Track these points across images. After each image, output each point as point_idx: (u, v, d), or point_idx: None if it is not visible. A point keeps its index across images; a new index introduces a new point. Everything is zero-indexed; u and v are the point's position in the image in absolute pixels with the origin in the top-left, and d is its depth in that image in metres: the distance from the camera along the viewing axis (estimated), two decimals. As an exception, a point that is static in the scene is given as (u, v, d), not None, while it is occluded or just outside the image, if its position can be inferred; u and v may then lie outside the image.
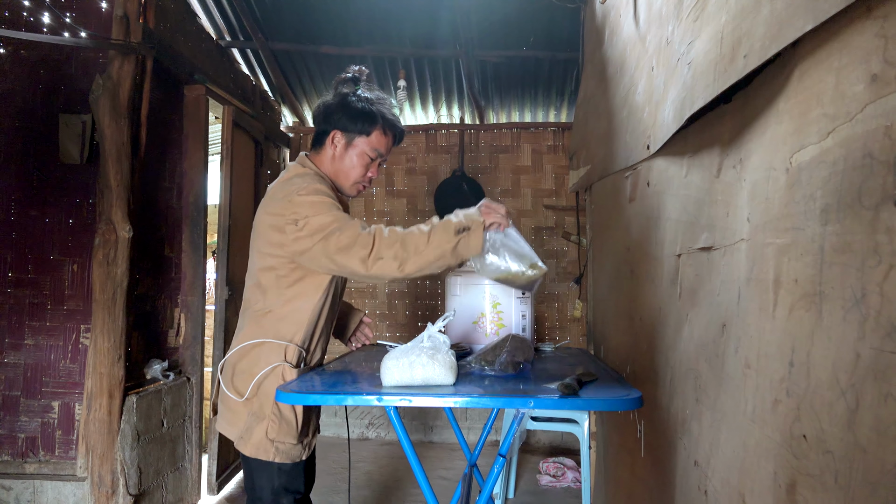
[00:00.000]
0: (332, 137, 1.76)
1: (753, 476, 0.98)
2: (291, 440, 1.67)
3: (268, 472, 1.70)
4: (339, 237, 1.52)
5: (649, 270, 1.73)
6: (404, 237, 1.53)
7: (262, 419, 1.66)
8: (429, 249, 1.52)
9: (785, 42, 0.80)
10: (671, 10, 1.43)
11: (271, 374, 1.67)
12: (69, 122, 2.71)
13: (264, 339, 1.69)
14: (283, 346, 1.69)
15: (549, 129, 4.77)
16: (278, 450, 1.66)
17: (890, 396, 0.63)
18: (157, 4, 2.91)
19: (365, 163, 1.78)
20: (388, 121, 1.78)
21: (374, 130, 1.76)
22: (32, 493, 2.66)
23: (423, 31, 3.95)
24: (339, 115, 1.75)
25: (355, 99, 1.76)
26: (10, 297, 2.76)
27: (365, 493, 3.57)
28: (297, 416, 1.68)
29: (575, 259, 4.67)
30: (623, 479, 2.17)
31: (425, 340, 1.53)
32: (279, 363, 1.67)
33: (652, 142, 1.57)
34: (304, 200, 1.59)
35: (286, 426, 1.66)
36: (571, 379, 1.42)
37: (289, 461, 1.68)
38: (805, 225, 0.82)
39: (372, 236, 1.52)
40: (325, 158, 1.78)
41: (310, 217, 1.57)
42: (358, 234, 1.52)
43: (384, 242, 1.51)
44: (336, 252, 1.53)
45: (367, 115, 1.75)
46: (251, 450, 1.66)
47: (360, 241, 1.51)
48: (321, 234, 1.55)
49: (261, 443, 1.64)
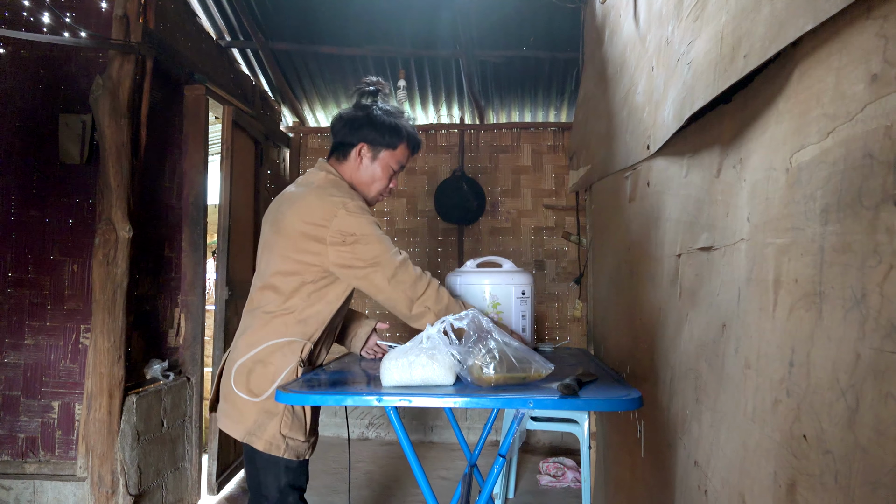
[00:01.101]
0: (360, 150, 1.83)
1: (753, 476, 0.98)
2: (301, 437, 1.71)
3: (274, 470, 1.72)
4: (397, 271, 1.68)
5: (649, 270, 1.73)
6: (448, 306, 1.73)
7: (274, 415, 1.68)
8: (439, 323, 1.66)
9: (785, 42, 0.80)
10: (671, 10, 1.42)
11: (290, 372, 1.71)
12: (69, 122, 2.71)
13: (290, 339, 1.72)
14: (302, 344, 1.73)
15: (549, 129, 4.77)
16: (289, 446, 1.69)
17: (890, 396, 0.63)
18: (157, 4, 2.91)
19: (388, 175, 1.87)
20: (410, 135, 1.88)
21: (400, 144, 1.85)
22: (32, 493, 2.66)
23: (423, 31, 3.95)
24: (366, 130, 1.82)
25: (381, 113, 1.83)
26: (10, 297, 2.76)
27: (365, 493, 3.57)
28: (306, 414, 1.72)
29: (575, 259, 4.67)
30: (623, 479, 2.17)
31: (425, 341, 1.53)
32: (296, 362, 1.71)
33: (652, 142, 1.57)
34: (352, 219, 1.68)
35: (297, 423, 1.70)
36: (571, 379, 1.42)
37: (296, 458, 1.71)
38: (805, 225, 0.82)
39: (426, 284, 1.72)
40: (349, 168, 1.85)
41: (361, 238, 1.67)
42: (413, 276, 1.69)
43: (434, 298, 1.72)
44: (390, 282, 1.68)
45: (394, 130, 1.83)
46: (264, 445, 1.68)
47: (414, 282, 1.69)
48: (378, 266, 1.67)
49: (273, 438, 1.68)
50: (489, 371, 1.44)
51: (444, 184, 4.78)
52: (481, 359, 1.46)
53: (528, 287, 2.28)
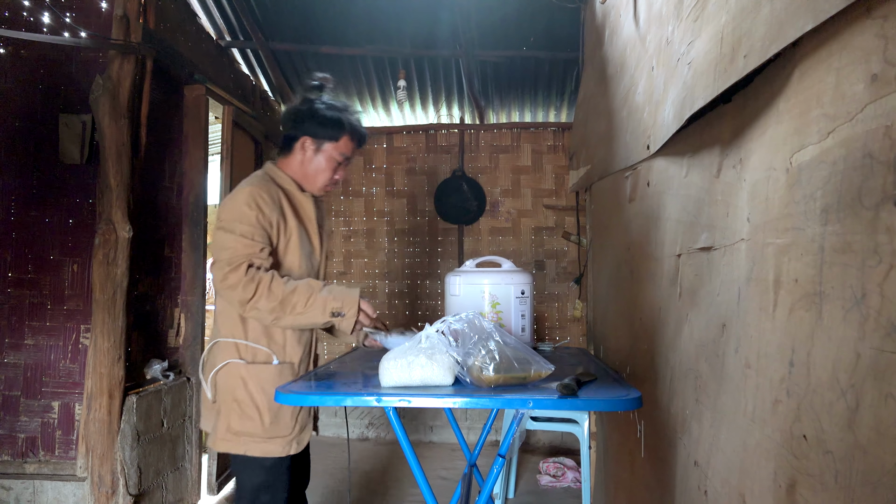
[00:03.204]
0: (302, 143, 1.86)
1: (753, 476, 0.98)
2: (260, 434, 1.74)
3: (249, 468, 1.75)
4: (228, 274, 1.66)
5: (649, 270, 1.73)
6: (285, 298, 1.67)
7: (220, 413, 1.76)
8: (302, 318, 1.71)
9: (785, 42, 0.80)
10: (671, 10, 1.42)
11: (224, 370, 1.76)
12: (69, 122, 2.71)
13: (216, 339, 1.81)
14: (233, 343, 1.78)
15: (549, 129, 4.77)
16: (247, 444, 1.73)
17: (890, 396, 0.63)
18: (157, 4, 2.91)
19: (333, 166, 1.88)
20: (354, 127, 1.89)
21: (343, 136, 1.86)
22: (32, 493, 2.66)
23: (423, 31, 3.95)
24: (308, 122, 1.85)
25: (323, 106, 1.85)
26: (10, 297, 2.76)
27: (365, 493, 3.57)
28: (260, 411, 1.74)
29: (575, 259, 4.67)
30: (623, 479, 2.17)
31: (423, 341, 1.53)
32: (230, 360, 1.76)
33: (652, 142, 1.57)
34: (228, 203, 1.74)
35: (249, 420, 1.74)
36: (571, 379, 1.42)
37: (258, 455, 1.73)
38: (805, 225, 0.82)
39: (255, 285, 1.65)
40: (294, 162, 1.88)
41: (221, 226, 1.71)
42: (241, 279, 1.65)
43: (265, 297, 1.66)
44: (220, 283, 1.68)
45: (336, 122, 1.85)
46: (218, 444, 1.75)
47: (243, 285, 1.65)
48: (217, 262, 1.69)
49: (224, 435, 1.74)
50: (489, 371, 1.44)
51: (444, 184, 4.78)
52: (481, 359, 1.46)
53: (528, 287, 2.28)
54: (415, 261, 4.87)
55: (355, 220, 4.92)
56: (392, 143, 4.89)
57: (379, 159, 4.90)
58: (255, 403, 1.74)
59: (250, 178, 1.83)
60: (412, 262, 4.88)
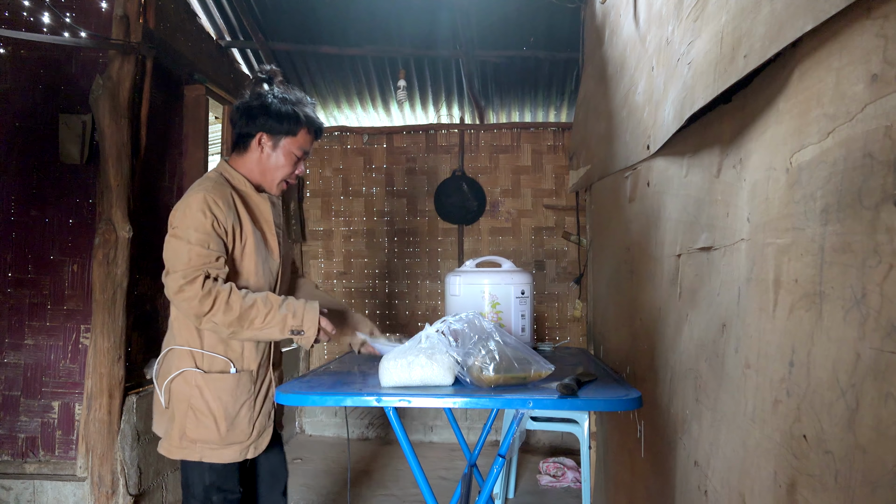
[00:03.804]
0: (259, 139, 1.79)
1: (753, 476, 0.98)
2: (216, 440, 1.71)
3: (198, 469, 1.74)
4: (184, 286, 1.60)
5: (649, 270, 1.73)
6: (243, 314, 1.61)
7: (173, 421, 1.73)
8: (260, 333, 1.66)
9: (785, 42, 0.80)
10: (671, 10, 1.42)
11: (179, 378, 1.72)
12: (69, 122, 2.71)
13: (171, 347, 1.76)
14: (188, 352, 1.73)
15: (549, 129, 4.77)
16: (203, 450, 1.70)
17: (890, 396, 0.63)
18: (157, 4, 2.91)
19: (292, 161, 1.83)
20: (311, 119, 1.83)
21: (300, 130, 1.80)
22: (32, 493, 2.66)
23: (423, 31, 3.95)
24: (262, 118, 1.77)
25: (277, 101, 1.78)
26: (10, 297, 2.76)
27: (365, 493, 3.57)
28: (216, 418, 1.71)
29: (575, 259, 4.67)
30: (623, 479, 2.17)
31: (423, 341, 1.53)
32: (186, 369, 1.71)
33: (652, 142, 1.57)
34: (178, 210, 1.67)
35: (204, 428, 1.71)
36: (570, 379, 1.42)
37: (216, 461, 1.72)
38: (805, 225, 0.82)
39: (213, 299, 1.60)
40: (251, 160, 1.81)
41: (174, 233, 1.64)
42: (198, 293, 1.59)
43: (223, 310, 1.60)
44: (175, 294, 1.62)
45: (292, 117, 1.78)
46: (171, 451, 1.72)
47: (199, 299, 1.59)
48: (171, 273, 1.63)
49: (179, 443, 1.71)
50: (489, 371, 1.44)
51: (444, 184, 4.78)
52: (481, 359, 1.46)
53: (528, 287, 2.28)
54: (415, 261, 4.87)
55: (355, 220, 4.92)
56: (392, 143, 4.89)
57: (379, 159, 4.90)
58: (212, 412, 1.70)
59: (203, 181, 1.74)
60: (412, 262, 4.88)
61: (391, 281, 4.88)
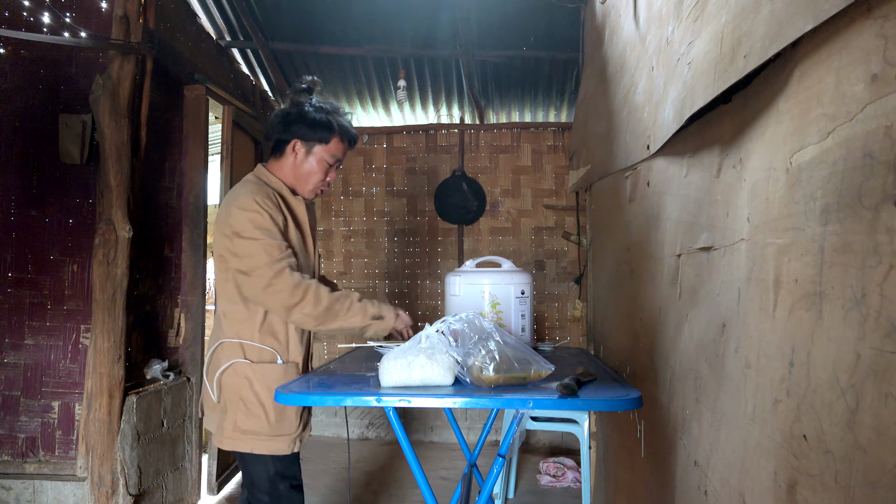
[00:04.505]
0: (293, 146, 1.86)
1: (753, 476, 0.98)
2: (266, 432, 1.75)
3: (260, 462, 1.76)
4: (272, 280, 1.65)
5: (649, 270, 1.73)
6: (330, 305, 1.71)
7: (226, 412, 1.77)
8: (345, 322, 1.74)
9: (785, 42, 0.80)
10: (671, 10, 1.42)
11: (230, 370, 1.77)
12: (69, 122, 2.71)
13: (221, 340, 1.80)
14: (238, 344, 1.77)
15: (549, 129, 4.77)
16: (254, 441, 1.74)
17: (890, 396, 0.63)
18: (157, 4, 2.91)
19: (324, 168, 1.89)
20: (344, 129, 1.90)
21: (333, 138, 1.87)
22: (32, 493, 2.66)
23: (423, 31, 3.95)
24: (298, 125, 1.85)
25: (313, 109, 1.86)
26: (10, 297, 2.76)
27: (365, 493, 3.57)
28: (265, 409, 1.75)
29: (575, 259, 4.67)
30: (623, 479, 2.17)
31: (423, 341, 1.53)
32: (236, 360, 1.76)
33: (652, 142, 1.57)
34: (240, 215, 1.71)
35: (255, 419, 1.74)
36: (570, 379, 1.42)
37: (265, 452, 1.75)
38: (805, 225, 0.82)
39: (303, 291, 1.67)
40: (286, 166, 1.89)
41: (242, 239, 1.69)
42: (288, 284, 1.66)
43: (312, 302, 1.68)
44: (264, 290, 1.67)
45: (326, 125, 1.86)
46: (225, 442, 1.75)
47: (289, 290, 1.66)
48: (252, 273, 1.67)
49: (231, 434, 1.74)
50: (489, 371, 1.44)
51: (444, 184, 4.78)
52: (481, 359, 1.46)
53: (528, 287, 2.28)
54: (415, 261, 4.87)
55: (355, 220, 4.92)
56: (392, 143, 4.89)
57: (379, 159, 4.90)
58: (261, 402, 1.75)
59: (244, 185, 1.81)
60: (412, 262, 4.88)
61: (391, 281, 4.88)
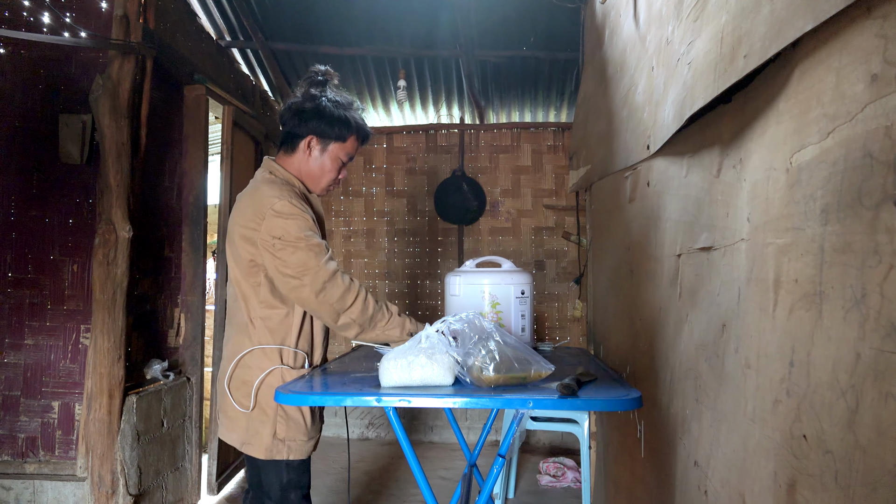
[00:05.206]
0: (308, 142, 1.79)
1: (753, 476, 0.98)
2: (302, 437, 1.73)
3: (276, 468, 1.73)
4: (326, 284, 1.62)
5: (649, 270, 1.73)
6: (374, 314, 1.69)
7: (266, 421, 1.70)
8: (382, 334, 1.73)
9: (785, 42, 0.80)
10: (671, 10, 1.42)
11: (269, 377, 1.71)
12: (69, 122, 2.71)
13: (254, 347, 1.72)
14: (277, 349, 1.72)
15: (549, 129, 4.77)
16: (290, 448, 1.71)
17: (890, 396, 0.63)
18: (157, 4, 2.91)
19: (338, 167, 1.83)
20: (360, 127, 1.84)
21: (350, 137, 1.81)
22: (32, 493, 2.66)
23: (423, 31, 3.95)
24: (315, 121, 1.77)
25: (331, 104, 1.78)
26: (10, 297, 2.76)
27: (365, 493, 3.57)
28: (304, 414, 1.73)
29: (575, 259, 4.67)
30: (623, 479, 2.17)
31: (423, 341, 1.53)
32: (275, 367, 1.71)
33: (652, 142, 1.57)
34: (280, 221, 1.63)
35: (294, 424, 1.71)
36: (570, 379, 1.42)
37: (300, 457, 1.73)
38: (805, 225, 0.82)
39: (354, 295, 1.65)
40: (297, 160, 1.81)
41: (288, 244, 1.62)
42: (341, 288, 1.64)
43: (360, 309, 1.67)
44: (318, 296, 1.62)
45: (344, 122, 1.78)
46: (262, 452, 1.70)
47: (340, 295, 1.64)
48: (302, 278, 1.62)
49: (271, 444, 1.69)
50: (489, 371, 1.44)
51: (444, 184, 4.78)
52: (481, 359, 1.46)
53: (528, 287, 2.28)
54: (415, 261, 4.87)
55: (355, 220, 4.92)
56: (392, 143, 4.89)
57: (379, 159, 4.90)
58: (301, 408, 1.72)
59: (270, 186, 1.70)
60: (412, 262, 4.87)
61: (391, 281, 4.88)
